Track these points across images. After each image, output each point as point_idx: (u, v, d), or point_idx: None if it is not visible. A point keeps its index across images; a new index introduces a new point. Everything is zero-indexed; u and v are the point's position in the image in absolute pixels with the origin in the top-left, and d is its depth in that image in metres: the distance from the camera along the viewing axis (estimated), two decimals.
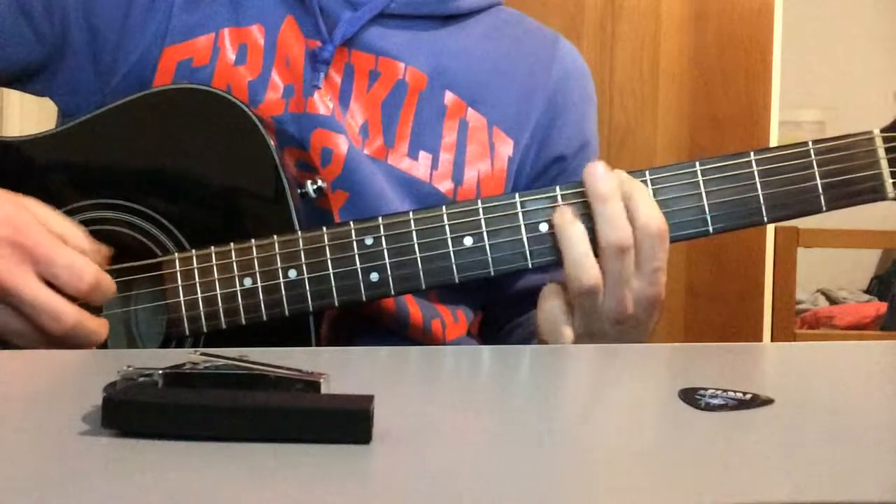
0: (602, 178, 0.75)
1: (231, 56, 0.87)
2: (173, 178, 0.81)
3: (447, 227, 0.77)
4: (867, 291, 4.31)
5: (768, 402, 0.50)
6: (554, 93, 0.96)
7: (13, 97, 2.21)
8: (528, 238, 0.77)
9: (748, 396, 0.51)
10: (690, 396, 0.51)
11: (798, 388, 0.59)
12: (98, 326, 0.74)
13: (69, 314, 0.71)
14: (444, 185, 0.89)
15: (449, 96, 0.91)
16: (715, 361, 0.69)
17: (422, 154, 0.89)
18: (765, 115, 1.87)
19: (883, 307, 3.76)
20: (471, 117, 0.92)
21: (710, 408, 0.49)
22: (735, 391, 0.51)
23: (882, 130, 0.78)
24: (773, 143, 1.86)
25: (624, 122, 1.87)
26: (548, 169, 0.96)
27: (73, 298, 0.72)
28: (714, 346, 0.76)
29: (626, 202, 0.75)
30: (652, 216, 0.74)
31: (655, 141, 1.88)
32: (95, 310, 0.75)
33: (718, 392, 0.51)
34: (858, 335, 3.12)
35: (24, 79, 0.90)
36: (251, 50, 0.88)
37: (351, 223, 0.78)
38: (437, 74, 0.91)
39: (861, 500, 0.36)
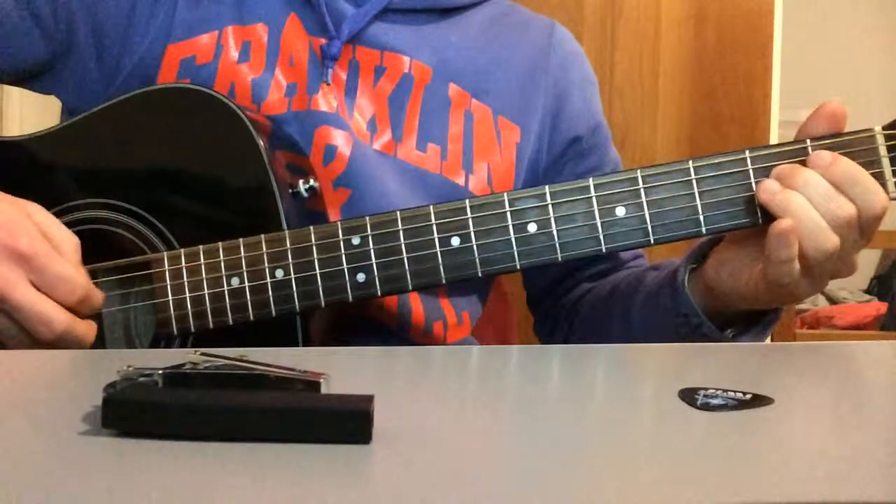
0: (845, 165, 0.73)
1: (234, 54, 0.87)
2: (164, 178, 0.81)
3: (434, 227, 0.76)
4: (867, 291, 4.30)
5: (768, 402, 0.50)
6: (556, 78, 0.98)
7: (13, 97, 2.20)
8: (516, 238, 0.76)
9: (748, 396, 0.51)
10: (690, 396, 0.51)
11: (798, 388, 0.58)
12: (87, 330, 0.74)
13: (60, 321, 0.71)
14: (456, 176, 0.89)
15: (453, 88, 0.92)
16: (715, 361, 0.69)
17: (430, 146, 0.89)
18: (765, 115, 1.86)
19: (883, 307, 3.76)
20: (475, 108, 0.92)
21: (710, 408, 0.49)
22: (735, 391, 0.51)
23: (884, 128, 0.76)
24: (773, 143, 1.86)
25: (624, 122, 1.87)
26: (565, 152, 0.98)
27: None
28: (714, 346, 0.76)
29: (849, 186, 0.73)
30: (879, 193, 0.73)
31: (655, 141, 1.88)
32: None
33: (718, 392, 0.51)
34: (858, 335, 3.12)
35: (30, 77, 0.91)
36: (254, 48, 0.88)
37: (338, 223, 0.77)
38: (441, 67, 0.92)
39: (861, 500, 0.36)
